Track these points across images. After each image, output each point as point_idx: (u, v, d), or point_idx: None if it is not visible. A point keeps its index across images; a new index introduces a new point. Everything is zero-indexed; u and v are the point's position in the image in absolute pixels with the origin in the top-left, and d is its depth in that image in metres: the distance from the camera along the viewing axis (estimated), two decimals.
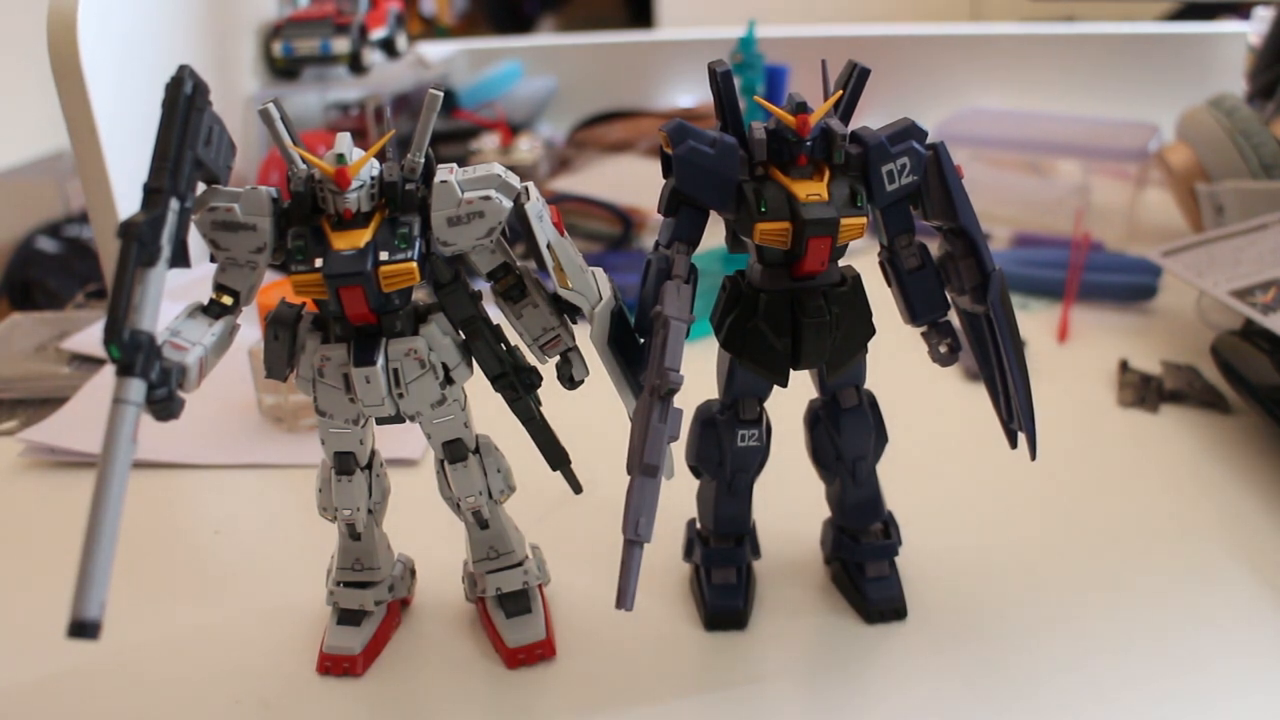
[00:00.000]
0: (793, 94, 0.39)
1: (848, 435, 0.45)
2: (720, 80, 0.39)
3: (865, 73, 0.40)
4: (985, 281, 0.41)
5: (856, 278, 0.42)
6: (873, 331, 0.43)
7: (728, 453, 0.44)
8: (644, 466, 0.35)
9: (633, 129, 1.21)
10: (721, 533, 0.47)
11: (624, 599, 0.34)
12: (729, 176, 0.39)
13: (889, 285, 0.43)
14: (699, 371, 0.44)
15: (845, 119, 0.40)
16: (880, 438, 0.46)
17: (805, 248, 0.39)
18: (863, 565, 0.47)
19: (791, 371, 0.43)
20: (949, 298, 0.43)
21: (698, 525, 0.48)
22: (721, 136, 0.39)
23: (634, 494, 0.35)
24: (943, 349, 0.43)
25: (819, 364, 0.43)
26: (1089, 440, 0.61)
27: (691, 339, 0.38)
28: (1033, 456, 0.44)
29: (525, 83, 1.34)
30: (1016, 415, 0.43)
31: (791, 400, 0.46)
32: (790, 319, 0.41)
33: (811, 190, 0.38)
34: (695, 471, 0.46)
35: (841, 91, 0.40)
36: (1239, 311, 0.63)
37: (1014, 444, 0.45)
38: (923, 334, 0.43)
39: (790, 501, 0.50)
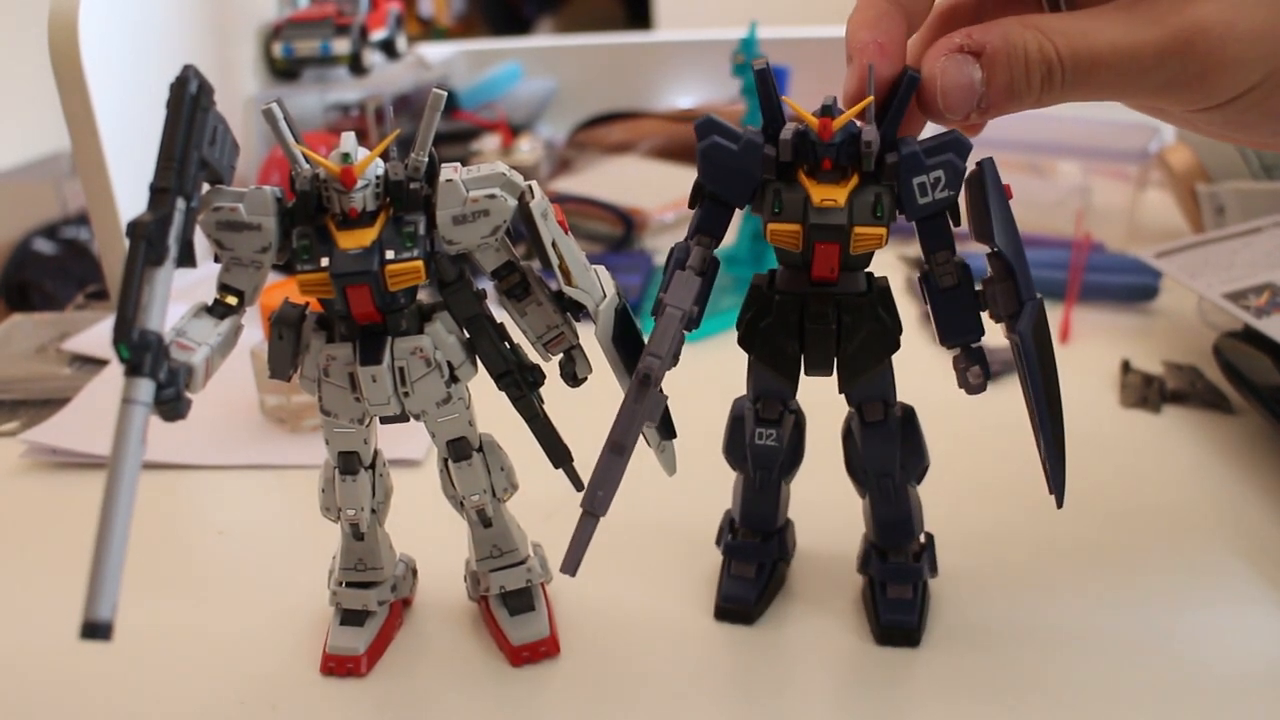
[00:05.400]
0: (826, 97, 0.39)
1: (868, 450, 0.44)
2: (759, 78, 0.38)
3: (914, 80, 0.38)
4: (1020, 310, 0.39)
5: (884, 289, 0.41)
6: (895, 347, 0.41)
7: (748, 449, 0.44)
8: (611, 444, 0.36)
9: (633, 130, 1.21)
10: (748, 526, 0.47)
11: (570, 566, 0.36)
12: (751, 174, 0.39)
13: (923, 303, 0.41)
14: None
15: (891, 126, 0.39)
16: (915, 457, 0.44)
17: (812, 252, 0.38)
18: (885, 584, 0.46)
19: (804, 376, 0.42)
20: (985, 321, 0.41)
21: (732, 515, 0.48)
22: (749, 133, 0.39)
23: (598, 468, 0.36)
24: (971, 377, 0.41)
25: (827, 372, 0.42)
26: (1091, 441, 0.61)
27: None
28: (1059, 504, 0.41)
29: (525, 84, 1.34)
30: (1041, 454, 0.41)
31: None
32: (799, 323, 0.41)
33: (828, 195, 0.38)
34: (730, 463, 0.46)
35: (872, 96, 0.38)
36: (1233, 315, 0.63)
37: (1052, 491, 0.41)
38: (954, 358, 0.41)
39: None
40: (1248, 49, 0.36)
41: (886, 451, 0.44)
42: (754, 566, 0.47)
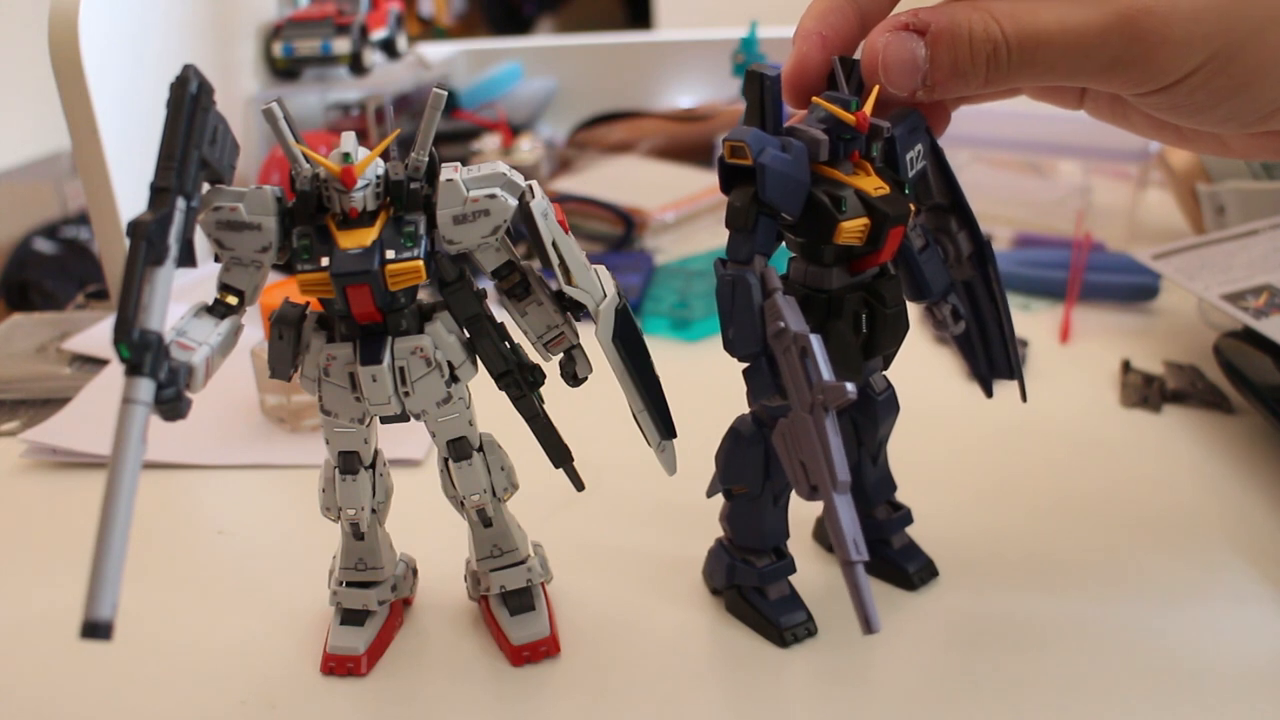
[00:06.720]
0: (833, 93, 0.39)
1: (884, 419, 0.46)
2: (771, 85, 0.38)
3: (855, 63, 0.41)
4: (982, 249, 0.44)
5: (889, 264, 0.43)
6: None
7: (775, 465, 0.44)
8: (839, 485, 0.34)
9: (633, 129, 1.21)
10: (769, 547, 0.46)
11: (872, 623, 0.33)
12: (803, 180, 0.39)
13: (894, 268, 0.43)
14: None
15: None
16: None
17: (885, 240, 0.39)
18: (888, 540, 0.48)
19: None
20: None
21: (729, 546, 0.47)
22: (790, 140, 0.38)
23: (839, 516, 0.34)
24: (952, 319, 0.44)
25: (893, 351, 0.44)
26: (1092, 441, 0.61)
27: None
28: (1024, 398, 0.47)
29: (525, 83, 1.34)
30: (1013, 364, 0.46)
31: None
32: (868, 313, 0.42)
33: (876, 184, 0.39)
34: (727, 493, 0.45)
35: (879, 87, 0.39)
36: (1231, 316, 0.63)
37: (990, 394, 0.48)
38: (932, 309, 0.45)
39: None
40: (1191, 27, 0.37)
41: (893, 417, 0.47)
42: (787, 583, 0.46)
